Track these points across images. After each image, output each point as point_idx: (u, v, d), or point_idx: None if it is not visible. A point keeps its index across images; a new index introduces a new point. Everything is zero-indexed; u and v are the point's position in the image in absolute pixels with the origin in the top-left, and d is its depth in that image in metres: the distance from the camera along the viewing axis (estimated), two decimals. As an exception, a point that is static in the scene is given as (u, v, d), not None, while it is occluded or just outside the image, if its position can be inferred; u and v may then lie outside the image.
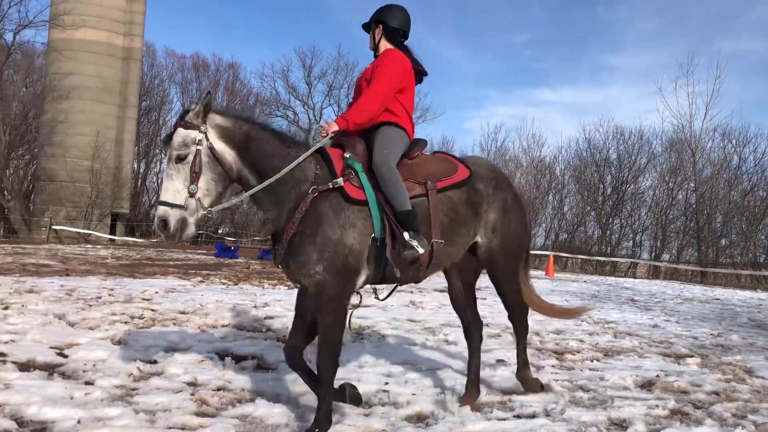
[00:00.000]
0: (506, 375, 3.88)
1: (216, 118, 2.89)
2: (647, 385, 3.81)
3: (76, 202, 29.38)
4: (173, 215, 2.73)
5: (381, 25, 3.35)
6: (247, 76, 58.61)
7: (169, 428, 2.61)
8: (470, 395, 3.28)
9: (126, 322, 4.98)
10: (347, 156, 2.94)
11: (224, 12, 68.16)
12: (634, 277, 26.44)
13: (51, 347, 3.91)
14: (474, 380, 3.39)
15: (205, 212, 2.80)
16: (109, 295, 6.72)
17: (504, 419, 2.97)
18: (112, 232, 30.67)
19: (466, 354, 4.45)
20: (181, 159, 2.79)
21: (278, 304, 6.80)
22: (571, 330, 6.15)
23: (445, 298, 8.60)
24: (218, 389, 3.22)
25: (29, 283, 7.30)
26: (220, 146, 2.84)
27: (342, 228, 2.80)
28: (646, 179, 35.94)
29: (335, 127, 2.99)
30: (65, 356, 3.72)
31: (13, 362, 3.47)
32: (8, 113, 28.91)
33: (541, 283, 14.34)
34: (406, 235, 2.85)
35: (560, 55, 66.83)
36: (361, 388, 3.37)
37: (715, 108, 40.20)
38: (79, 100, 29.47)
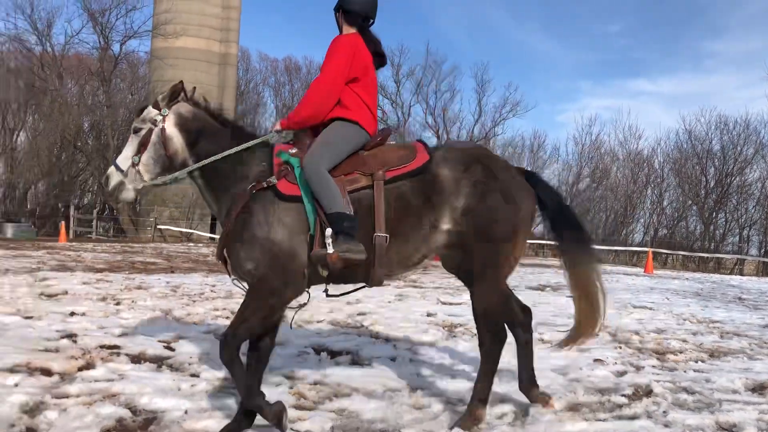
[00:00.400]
0: (604, 374, 3.77)
1: (181, 107, 3.09)
2: (759, 389, 3.60)
3: (178, 202, 30.84)
4: (114, 177, 3.01)
5: (341, 11, 3.22)
6: (338, 77, 59.42)
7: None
8: (544, 396, 3.11)
9: (227, 317, 5.19)
10: (282, 152, 2.89)
11: (314, 14, 69.60)
12: (741, 275, 25.01)
13: (159, 341, 4.14)
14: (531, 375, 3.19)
15: (144, 184, 3.03)
16: (211, 291, 7.02)
17: (603, 420, 2.89)
18: (212, 230, 32.01)
19: (561, 353, 4.36)
20: (135, 131, 3.08)
21: (370, 300, 6.88)
22: (672, 329, 5.89)
23: (540, 297, 8.46)
24: (315, 383, 3.30)
25: (138, 280, 7.74)
26: (171, 131, 3.03)
27: (270, 225, 2.76)
28: (754, 170, 33.76)
29: (277, 126, 3.01)
30: (172, 349, 3.92)
31: (126, 354, 3.69)
32: (116, 120, 30.67)
33: (640, 281, 13.81)
34: (328, 231, 2.73)
35: (657, 44, 63.96)
36: (455, 386, 3.37)
37: (831, 93, 37.24)
38: (180, 106, 30.84)
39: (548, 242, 31.15)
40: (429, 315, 6.02)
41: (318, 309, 5.95)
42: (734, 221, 33.62)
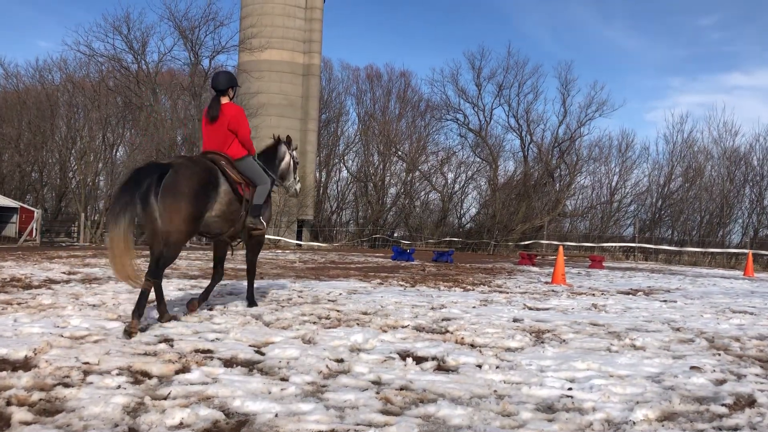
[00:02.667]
0: (701, 383, 3.59)
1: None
2: None
3: (267, 210, 31.68)
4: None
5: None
6: (418, 83, 59.69)
7: (357, 425, 2.72)
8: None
9: (314, 322, 5.28)
10: None
11: (394, 21, 70.09)
12: None
13: (250, 345, 4.26)
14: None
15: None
16: (299, 296, 7.17)
17: (701, 430, 2.75)
18: (299, 237, 32.75)
19: (657, 360, 4.20)
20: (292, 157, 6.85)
21: (455, 306, 6.84)
22: (778, 336, 5.54)
23: (631, 301, 8.17)
24: (401, 389, 3.31)
25: (229, 287, 8.00)
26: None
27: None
28: None
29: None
30: (262, 354, 4.02)
31: (219, 358, 3.82)
32: (207, 132, 31.89)
33: (739, 284, 13.08)
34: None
35: (753, 36, 60.68)
36: (543, 393, 3.30)
37: None
38: (267, 116, 31.84)
39: (640, 245, 30.00)
40: (515, 320, 5.92)
41: (402, 314, 5.97)
42: None
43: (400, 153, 41.83)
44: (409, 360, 3.94)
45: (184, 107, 32.49)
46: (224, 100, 5.69)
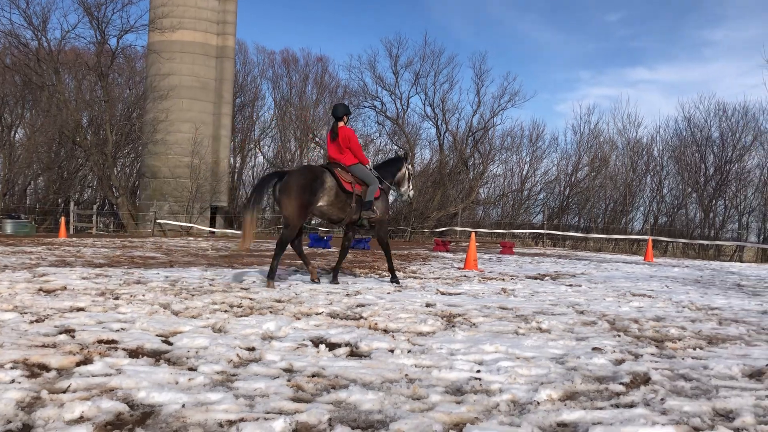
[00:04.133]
0: (602, 363, 3.77)
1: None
2: (756, 375, 3.60)
3: (178, 196, 30.80)
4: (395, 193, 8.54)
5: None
6: (336, 69, 59.46)
7: (268, 412, 2.70)
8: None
9: (226, 311, 5.19)
10: None
11: (311, 5, 69.33)
12: (741, 261, 25.01)
13: (157, 335, 4.13)
14: None
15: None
16: (210, 285, 7.02)
17: (601, 408, 2.89)
18: (212, 224, 32.02)
19: (561, 342, 4.38)
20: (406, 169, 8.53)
21: (370, 292, 6.89)
22: (671, 317, 5.89)
23: (539, 285, 8.47)
24: (313, 375, 3.30)
25: (137, 275, 7.74)
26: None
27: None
28: (753, 157, 33.80)
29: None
30: (170, 343, 3.92)
31: (124, 349, 3.69)
32: (114, 115, 30.62)
33: (640, 269, 13.81)
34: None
35: (656, 33, 63.88)
36: (453, 376, 3.37)
37: (830, 78, 37.20)
38: (178, 99, 30.83)
39: (548, 232, 31.13)
40: (428, 305, 6.02)
41: (316, 302, 5.95)
42: (733, 208, 33.61)
43: (317, 139, 41.56)
44: (322, 347, 3.94)
45: (89, 88, 30.99)
46: (340, 123, 7.81)
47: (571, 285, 8.87)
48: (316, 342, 4.10)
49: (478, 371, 3.48)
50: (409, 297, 6.61)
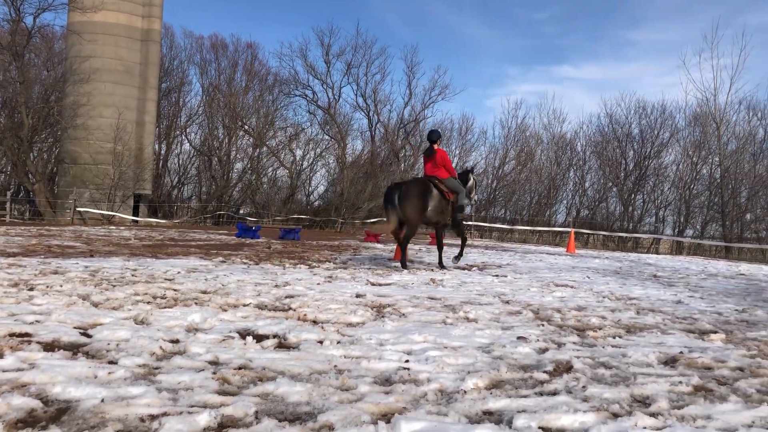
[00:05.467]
0: (526, 352, 3.86)
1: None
2: (671, 362, 3.77)
3: (99, 183, 29.68)
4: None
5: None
6: (266, 56, 58.55)
7: (192, 406, 2.62)
8: None
9: (149, 302, 5.03)
10: None
11: (241, -9, 67.94)
12: (657, 253, 26.17)
13: (75, 327, 3.96)
14: None
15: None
16: (132, 275, 6.79)
17: (525, 396, 2.95)
18: (135, 213, 31.02)
19: (488, 331, 4.45)
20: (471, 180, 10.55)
21: (299, 283, 6.83)
22: (593, 307, 6.10)
23: (466, 276, 8.61)
24: (240, 368, 3.24)
25: (54, 265, 7.41)
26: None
27: None
28: (670, 154, 35.43)
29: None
30: (89, 336, 3.76)
31: (38, 342, 3.52)
32: (30, 97, 29.14)
33: (562, 260, 14.24)
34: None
35: (582, 32, 65.91)
36: (382, 366, 3.38)
37: (740, 81, 39.62)
38: (100, 83, 29.65)
39: (476, 223, 31.71)
40: (358, 296, 6.02)
41: (244, 293, 5.85)
42: (651, 202, 35.15)
43: (246, 127, 40.87)
44: (250, 339, 3.87)
45: (2, 68, 29.38)
46: (435, 146, 9.97)
47: (497, 275, 9.06)
48: (244, 334, 4.03)
49: (407, 361, 3.50)
50: (339, 288, 6.59)
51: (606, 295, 7.15)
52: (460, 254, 10.72)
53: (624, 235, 29.71)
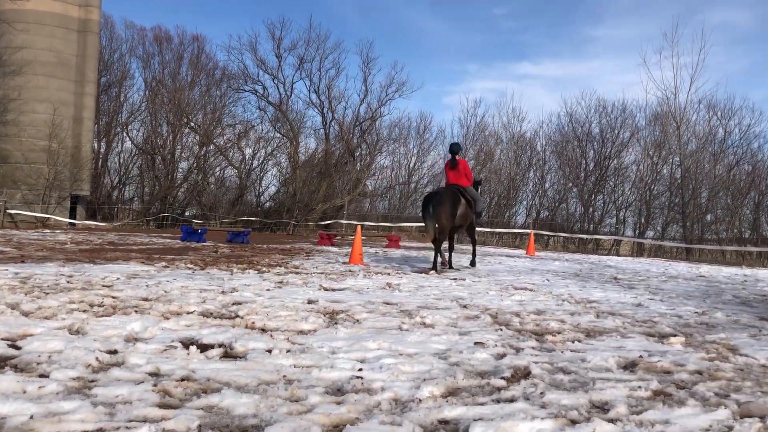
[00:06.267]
0: (484, 357, 3.90)
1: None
2: (630, 366, 3.85)
3: (33, 184, 28.88)
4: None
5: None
6: (213, 49, 57.76)
7: (130, 421, 2.57)
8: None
9: (85, 311, 4.91)
10: None
11: (187, -19, 67.00)
12: (618, 255, 26.71)
13: (2, 339, 3.84)
14: None
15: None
16: (68, 282, 6.62)
17: (482, 404, 2.98)
18: (72, 215, 30.25)
19: (445, 337, 4.48)
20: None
21: (248, 289, 6.76)
22: (552, 310, 6.20)
23: (423, 280, 8.65)
24: (182, 379, 3.19)
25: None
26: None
27: None
28: (630, 154, 36.19)
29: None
30: (18, 348, 3.65)
31: (-38, 355, 3.40)
32: (-44, 90, 28.25)
33: (522, 262, 14.44)
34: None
35: (541, 28, 67.09)
36: (334, 375, 3.36)
37: (700, 79, 40.63)
38: (33, 76, 28.86)
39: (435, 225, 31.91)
40: (310, 302, 5.99)
41: (188, 300, 5.76)
42: (612, 203, 35.86)
43: (192, 124, 40.29)
44: (193, 348, 3.81)
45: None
46: (457, 157, 11.41)
47: (455, 279, 9.14)
48: (187, 343, 3.97)
49: (360, 369, 3.49)
50: (290, 294, 6.55)
51: (565, 298, 7.28)
52: (474, 255, 12.31)
53: (584, 236, 30.26)
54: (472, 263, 12.08)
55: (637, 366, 3.84)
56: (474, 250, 12.43)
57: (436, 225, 10.40)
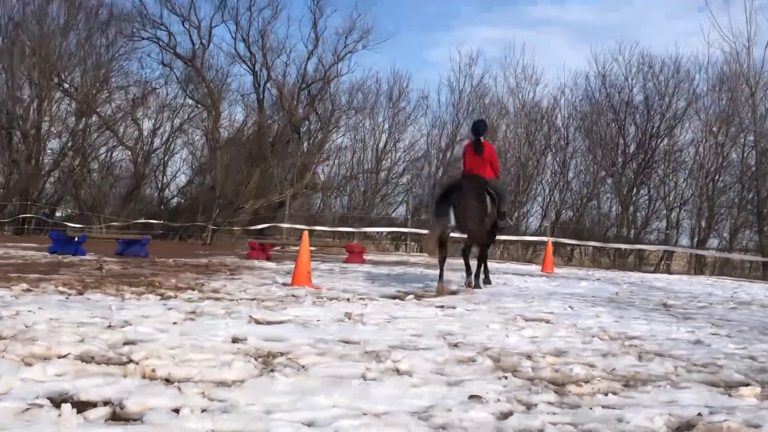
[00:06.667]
0: (482, 417, 3.92)
1: None
2: (685, 428, 3.90)
3: None
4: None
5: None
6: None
7: None
8: None
9: None
10: None
11: None
12: (669, 272, 26.92)
13: None
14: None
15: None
16: None
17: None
18: None
19: (427, 388, 4.50)
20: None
21: (146, 322, 6.70)
22: (576, 350, 6.26)
23: (398, 308, 8.67)
24: (51, 454, 3.15)
25: None
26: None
27: None
28: (686, 131, 36.09)
29: None
30: None
31: None
32: None
33: (535, 282, 14.58)
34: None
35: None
36: (269, 445, 3.35)
37: (783, 28, 41.00)
38: None
39: (413, 230, 31.98)
40: (236, 341, 5.96)
41: (59, 338, 5.69)
42: (660, 200, 35.82)
43: (66, 86, 39.87)
44: (67, 408, 3.76)
45: None
46: (482, 139, 12.17)
47: (442, 306, 9.17)
48: (58, 400, 3.92)
49: (307, 436, 3.49)
50: (208, 329, 6.51)
51: (596, 333, 7.35)
52: (487, 271, 13.47)
53: (623, 246, 30.43)
54: (486, 280, 13.20)
55: (695, 428, 3.89)
56: (486, 264, 13.47)
57: (460, 230, 11.43)
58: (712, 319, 9.26)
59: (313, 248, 22.92)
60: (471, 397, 4.38)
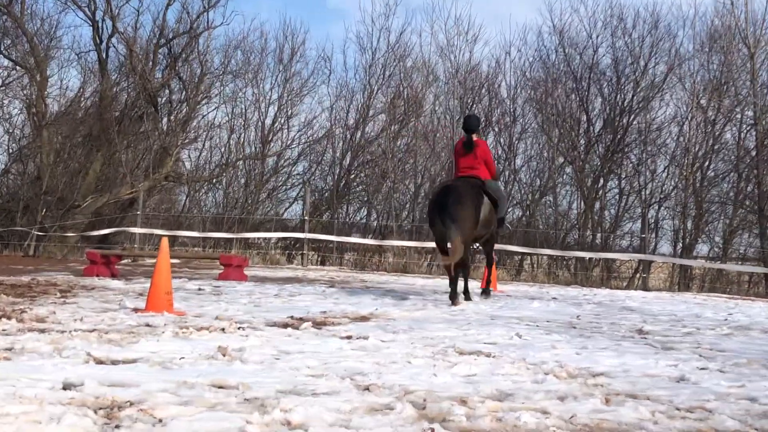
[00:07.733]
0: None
1: None
2: (664, 492, 3.96)
3: None
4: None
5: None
6: None
7: None
8: None
9: None
10: None
11: None
12: (646, 288, 27.25)
13: None
14: None
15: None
16: None
17: None
18: None
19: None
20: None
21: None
22: (526, 393, 6.30)
23: (290, 339, 8.63)
24: None
25: None
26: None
27: None
28: (667, 104, 36.37)
29: None
30: None
31: None
32: None
33: (473, 304, 14.65)
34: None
35: None
36: None
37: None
38: None
39: (312, 236, 31.98)
40: (68, 387, 5.87)
41: None
42: (635, 194, 36.00)
43: None
44: None
45: None
46: (474, 136, 13.86)
47: (349, 337, 9.17)
48: None
49: None
50: (30, 371, 6.40)
51: (550, 369, 7.43)
52: (488, 282, 15.85)
53: (586, 255, 30.56)
54: (485, 292, 15.61)
55: (678, 491, 3.96)
56: (489, 274, 16.15)
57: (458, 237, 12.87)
58: (701, 349, 9.41)
59: (176, 260, 22.79)
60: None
